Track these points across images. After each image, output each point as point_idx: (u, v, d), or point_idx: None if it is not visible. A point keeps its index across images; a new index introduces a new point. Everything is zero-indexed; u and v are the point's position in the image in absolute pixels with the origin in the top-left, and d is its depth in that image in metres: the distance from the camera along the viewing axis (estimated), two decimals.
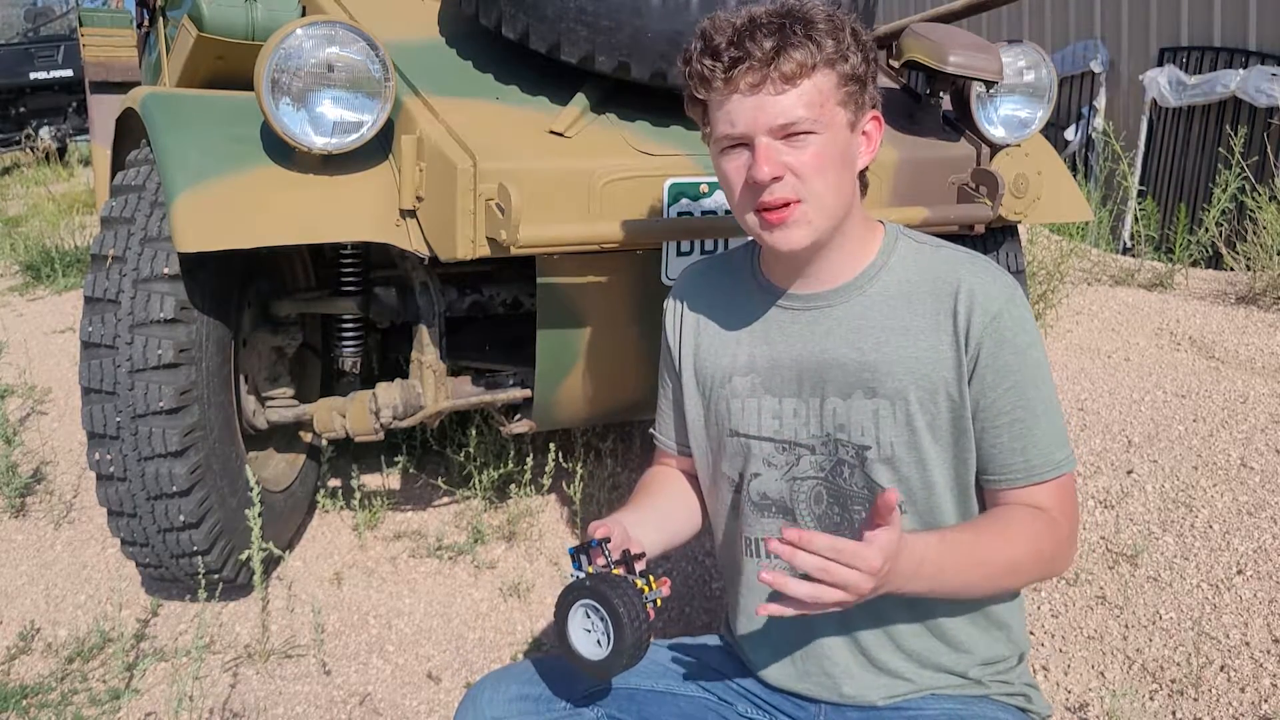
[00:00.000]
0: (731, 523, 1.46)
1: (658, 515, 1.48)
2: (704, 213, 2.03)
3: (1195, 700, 1.92)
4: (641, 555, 1.29)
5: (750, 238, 1.39)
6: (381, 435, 2.30)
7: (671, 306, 1.53)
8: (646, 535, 1.38)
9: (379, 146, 2.02)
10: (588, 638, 1.22)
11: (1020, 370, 1.29)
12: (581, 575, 1.25)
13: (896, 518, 1.12)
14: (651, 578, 1.25)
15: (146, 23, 4.20)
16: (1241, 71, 6.12)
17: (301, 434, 2.67)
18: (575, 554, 1.26)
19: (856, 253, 1.36)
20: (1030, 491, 1.30)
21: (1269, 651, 2.01)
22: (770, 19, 1.25)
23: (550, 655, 1.52)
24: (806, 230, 1.28)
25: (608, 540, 1.27)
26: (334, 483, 2.87)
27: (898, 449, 1.31)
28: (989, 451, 1.31)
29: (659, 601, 1.25)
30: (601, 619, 1.20)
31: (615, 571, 1.23)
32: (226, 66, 2.81)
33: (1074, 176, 2.77)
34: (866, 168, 1.37)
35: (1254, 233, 4.37)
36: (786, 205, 1.27)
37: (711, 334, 1.46)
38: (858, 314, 1.34)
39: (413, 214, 2.01)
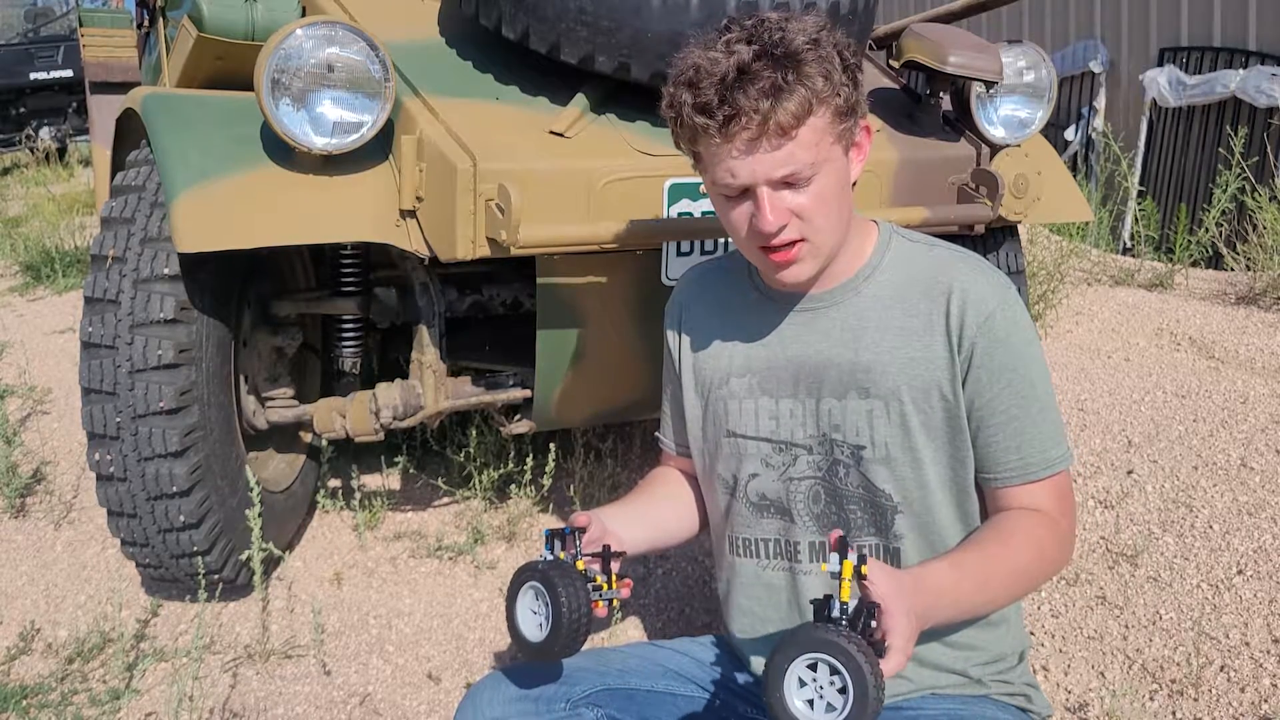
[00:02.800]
0: (727, 525, 1.46)
1: (646, 515, 1.50)
2: (704, 213, 2.03)
3: (1195, 700, 1.92)
4: (621, 554, 1.32)
5: None
6: (381, 435, 2.30)
7: (671, 309, 1.54)
8: (630, 534, 1.39)
9: (379, 147, 2.02)
10: (532, 619, 1.26)
11: (1015, 369, 1.29)
12: (550, 558, 1.28)
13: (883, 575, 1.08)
14: (614, 577, 1.29)
15: (146, 23, 4.20)
16: (1241, 71, 6.12)
17: (301, 434, 2.67)
18: (550, 537, 1.30)
19: (851, 254, 1.36)
20: (1026, 490, 1.30)
21: (1269, 651, 2.01)
22: (758, 63, 1.19)
23: None
24: (813, 264, 1.29)
25: (583, 531, 1.30)
26: (334, 483, 2.87)
27: (893, 449, 1.31)
28: (985, 450, 1.31)
29: (615, 602, 1.29)
30: (545, 604, 1.23)
31: (580, 564, 1.26)
32: (226, 66, 2.81)
33: (1074, 176, 2.77)
34: None
35: (1254, 233, 4.37)
36: (793, 244, 1.27)
37: (710, 336, 1.47)
38: (852, 315, 1.35)
39: (413, 214, 2.01)
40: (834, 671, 0.97)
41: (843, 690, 0.96)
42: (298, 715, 2.05)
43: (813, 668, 0.98)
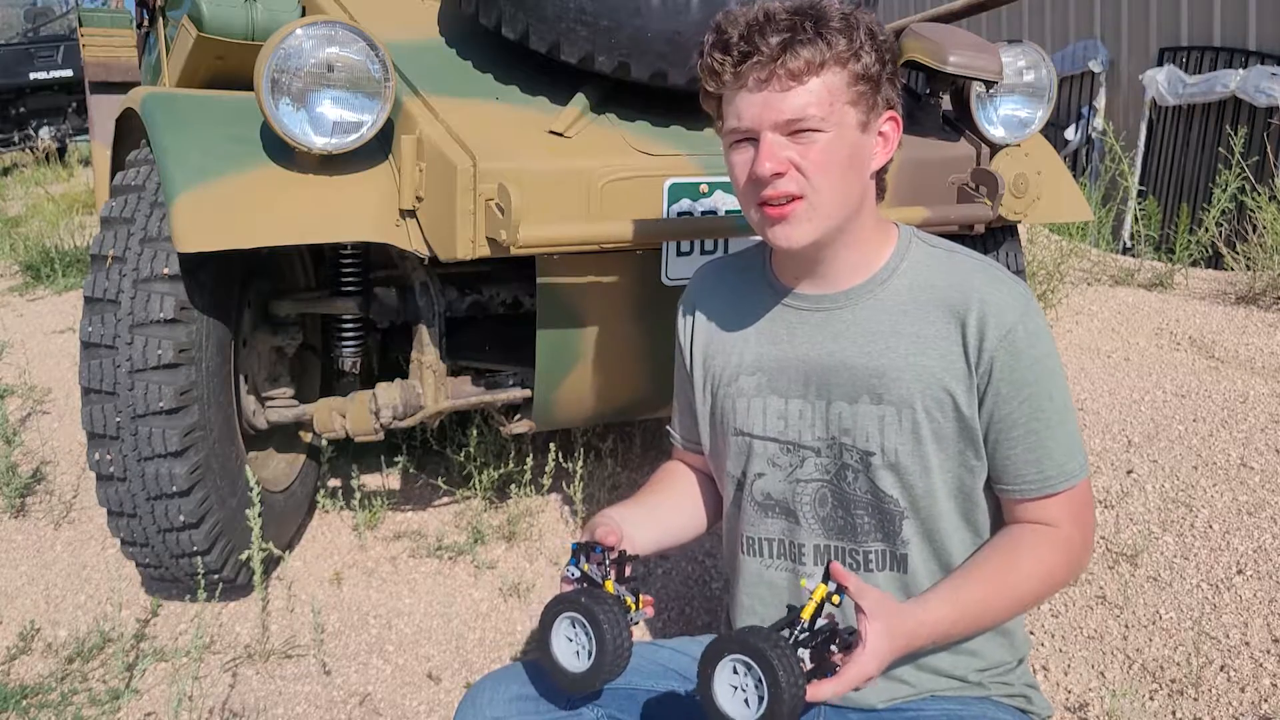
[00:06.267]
0: (734, 521, 1.46)
1: (656, 515, 1.49)
2: (704, 213, 2.03)
3: (1195, 700, 1.92)
4: (635, 557, 1.33)
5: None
6: (381, 435, 2.30)
7: (684, 304, 1.54)
8: (641, 535, 1.40)
9: (379, 147, 2.02)
10: (568, 647, 1.25)
11: (1035, 382, 1.27)
12: (575, 572, 1.29)
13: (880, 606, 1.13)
14: (641, 595, 1.29)
15: (146, 23, 4.20)
16: (1241, 71, 6.13)
17: (301, 434, 2.67)
18: (577, 550, 1.30)
19: (869, 255, 1.35)
20: (1045, 503, 1.30)
21: (1269, 651, 2.01)
22: (784, 15, 1.24)
23: None
24: (807, 228, 1.28)
25: (610, 550, 1.30)
26: (334, 483, 2.87)
27: (902, 456, 1.30)
28: (1003, 463, 1.30)
29: (640, 622, 1.29)
30: (586, 634, 1.23)
31: (609, 585, 1.27)
32: (226, 66, 2.81)
33: (1074, 176, 2.77)
34: (885, 170, 1.36)
35: (1254, 233, 4.37)
36: (789, 201, 1.26)
37: (721, 333, 1.46)
38: (868, 318, 1.34)
39: (413, 214, 2.01)
40: (758, 679, 1.06)
41: (761, 698, 1.05)
42: (298, 715, 2.05)
43: (747, 666, 1.07)
